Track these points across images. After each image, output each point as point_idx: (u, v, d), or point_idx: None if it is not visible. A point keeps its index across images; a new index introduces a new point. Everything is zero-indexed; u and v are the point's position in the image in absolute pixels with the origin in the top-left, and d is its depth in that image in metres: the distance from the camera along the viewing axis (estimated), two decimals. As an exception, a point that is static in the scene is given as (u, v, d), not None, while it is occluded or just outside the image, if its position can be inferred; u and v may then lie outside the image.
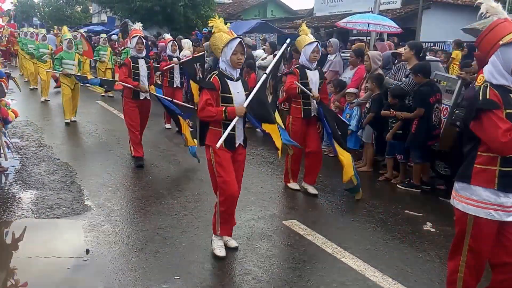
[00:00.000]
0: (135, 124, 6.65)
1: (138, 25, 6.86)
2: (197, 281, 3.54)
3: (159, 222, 4.63)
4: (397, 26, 11.25)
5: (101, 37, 14.85)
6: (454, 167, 5.69)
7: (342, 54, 8.16)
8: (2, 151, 6.27)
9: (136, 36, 6.54)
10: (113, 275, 3.59)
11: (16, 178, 5.90)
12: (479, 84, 4.61)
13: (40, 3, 44.36)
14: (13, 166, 6.31)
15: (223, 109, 3.72)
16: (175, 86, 9.04)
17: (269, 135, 4.13)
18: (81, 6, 43.00)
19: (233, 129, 3.80)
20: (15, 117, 6.37)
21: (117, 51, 15.64)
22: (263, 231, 4.50)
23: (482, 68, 4.77)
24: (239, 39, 3.74)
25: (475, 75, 5.45)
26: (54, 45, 16.12)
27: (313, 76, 5.39)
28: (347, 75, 7.39)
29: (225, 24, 3.93)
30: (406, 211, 5.17)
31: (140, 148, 6.71)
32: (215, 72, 3.85)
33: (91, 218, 4.70)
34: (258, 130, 9.15)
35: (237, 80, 3.86)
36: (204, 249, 4.08)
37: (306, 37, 5.40)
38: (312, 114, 5.48)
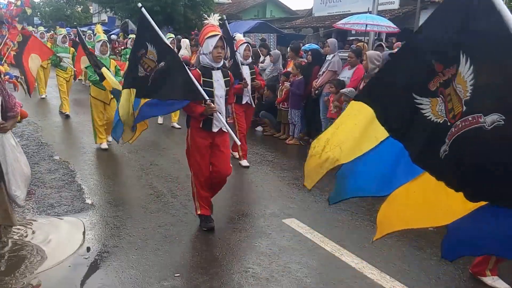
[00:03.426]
0: (203, 166, 4.41)
1: (215, 18, 4.38)
2: (197, 278, 3.58)
3: (159, 220, 4.67)
4: (395, 26, 11.31)
5: (129, 38, 11.86)
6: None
7: (340, 54, 8.20)
8: None
9: (215, 36, 4.16)
10: (114, 273, 3.62)
11: (16, 177, 5.93)
12: None
13: (41, 3, 44.41)
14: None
15: None
16: (243, 102, 6.63)
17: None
18: (81, 6, 43.07)
19: None
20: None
21: (117, 51, 15.61)
22: (262, 229, 4.54)
23: None
24: None
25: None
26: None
27: None
28: (345, 74, 7.44)
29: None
30: (404, 209, 5.20)
31: (208, 203, 4.56)
32: None
33: (91, 216, 4.74)
34: (257, 129, 9.09)
35: None
36: (204, 246, 4.12)
37: None
38: None
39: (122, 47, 14.87)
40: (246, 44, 6.63)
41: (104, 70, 6.34)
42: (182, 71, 3.99)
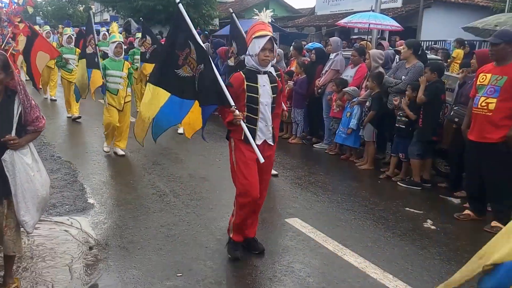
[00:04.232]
0: (252, 182, 3.73)
1: (267, 14, 3.82)
2: (198, 278, 3.57)
3: (162, 220, 4.66)
4: (398, 25, 11.28)
5: (136, 37, 11.02)
6: (452, 165, 5.75)
7: (343, 53, 8.16)
8: None
9: (264, 36, 3.62)
10: (116, 273, 3.62)
11: (19, 176, 5.93)
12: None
13: (43, 2, 44.52)
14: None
15: None
16: None
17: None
18: (83, 5, 43.16)
19: None
20: None
21: None
22: (265, 228, 4.53)
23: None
24: None
25: (474, 73, 5.48)
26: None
27: None
28: (348, 73, 7.42)
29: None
30: (407, 208, 5.19)
31: (242, 230, 4.01)
32: None
33: (93, 216, 4.73)
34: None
35: None
36: (206, 246, 4.11)
37: None
38: None
39: (125, 46, 14.67)
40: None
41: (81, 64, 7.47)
42: (213, 74, 3.66)
